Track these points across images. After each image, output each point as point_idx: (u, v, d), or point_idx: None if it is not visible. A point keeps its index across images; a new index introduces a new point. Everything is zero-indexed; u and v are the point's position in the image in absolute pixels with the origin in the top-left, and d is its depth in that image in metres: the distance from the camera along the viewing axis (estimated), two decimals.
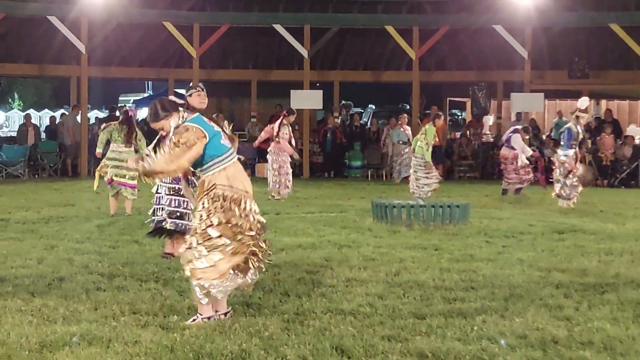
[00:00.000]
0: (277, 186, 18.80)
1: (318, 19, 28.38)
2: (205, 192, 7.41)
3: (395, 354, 6.37)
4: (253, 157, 28.92)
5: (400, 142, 25.65)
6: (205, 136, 7.33)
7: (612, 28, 26.63)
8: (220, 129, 7.56)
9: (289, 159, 19.06)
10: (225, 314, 7.50)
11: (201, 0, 28.70)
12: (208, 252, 7.28)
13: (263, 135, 19.54)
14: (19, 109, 50.08)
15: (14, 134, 32.02)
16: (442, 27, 27.88)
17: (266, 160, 27.31)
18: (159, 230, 10.66)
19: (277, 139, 18.81)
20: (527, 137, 21.75)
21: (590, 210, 17.09)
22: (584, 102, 18.07)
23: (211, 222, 7.33)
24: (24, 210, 16.00)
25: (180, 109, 7.61)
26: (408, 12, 28.94)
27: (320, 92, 28.15)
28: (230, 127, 7.97)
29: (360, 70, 31.70)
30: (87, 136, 27.64)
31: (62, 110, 36.04)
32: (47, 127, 31.37)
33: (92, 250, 11.26)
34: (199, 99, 9.98)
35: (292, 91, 27.33)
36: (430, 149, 19.12)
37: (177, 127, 7.41)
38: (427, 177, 19.24)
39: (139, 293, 8.44)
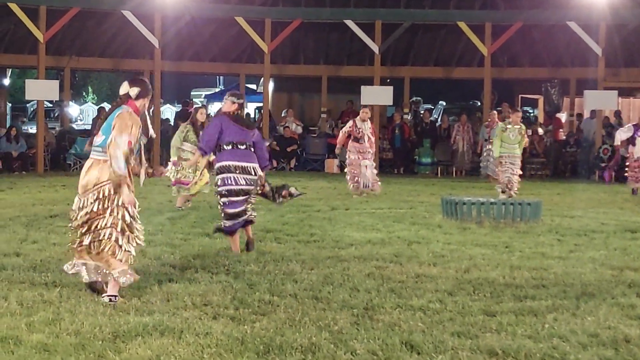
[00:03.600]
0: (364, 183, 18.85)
1: (389, 14, 28.31)
2: None
3: (465, 351, 6.36)
4: (323, 153, 28.98)
5: (484, 140, 25.46)
6: None
7: None
8: (97, 129, 8.06)
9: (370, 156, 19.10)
10: (103, 296, 7.87)
11: None
12: None
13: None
14: (92, 103, 50.74)
15: (88, 127, 32.39)
16: (515, 23, 27.65)
17: (335, 157, 27.53)
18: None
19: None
20: None
21: None
22: None
23: None
24: None
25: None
26: (480, 8, 28.76)
27: (391, 88, 28.09)
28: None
29: (431, 66, 31.52)
30: (160, 130, 27.91)
31: None
32: None
33: (164, 242, 11.38)
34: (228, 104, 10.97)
35: (362, 87, 27.32)
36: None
37: None
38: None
39: (210, 285, 8.52)
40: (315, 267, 9.71)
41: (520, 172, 19.21)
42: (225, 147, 10.68)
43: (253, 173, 10.71)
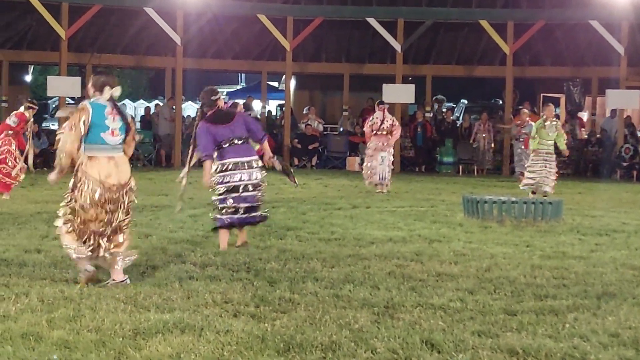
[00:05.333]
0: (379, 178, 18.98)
1: (411, 12, 28.25)
2: (75, 169, 8.43)
3: (486, 350, 6.34)
4: (345, 151, 28.97)
5: (516, 139, 25.33)
6: (87, 113, 8.27)
7: None
8: (113, 125, 8.35)
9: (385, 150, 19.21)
10: (119, 282, 8.36)
11: None
12: (63, 218, 8.43)
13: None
14: None
15: None
16: (538, 22, 27.57)
17: (357, 154, 27.57)
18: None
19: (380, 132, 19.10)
20: None
21: None
22: None
23: (68, 194, 8.41)
24: None
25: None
26: (503, 6, 28.67)
27: (413, 86, 28.04)
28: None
29: (453, 64, 31.47)
30: (182, 127, 28.00)
31: (156, 101, 36.52)
32: (142, 117, 31.74)
33: (185, 239, 11.41)
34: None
35: (384, 85, 27.27)
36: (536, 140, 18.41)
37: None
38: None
39: (230, 283, 8.53)
40: (336, 265, 9.71)
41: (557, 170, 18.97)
42: (224, 145, 10.80)
43: (255, 166, 10.91)
